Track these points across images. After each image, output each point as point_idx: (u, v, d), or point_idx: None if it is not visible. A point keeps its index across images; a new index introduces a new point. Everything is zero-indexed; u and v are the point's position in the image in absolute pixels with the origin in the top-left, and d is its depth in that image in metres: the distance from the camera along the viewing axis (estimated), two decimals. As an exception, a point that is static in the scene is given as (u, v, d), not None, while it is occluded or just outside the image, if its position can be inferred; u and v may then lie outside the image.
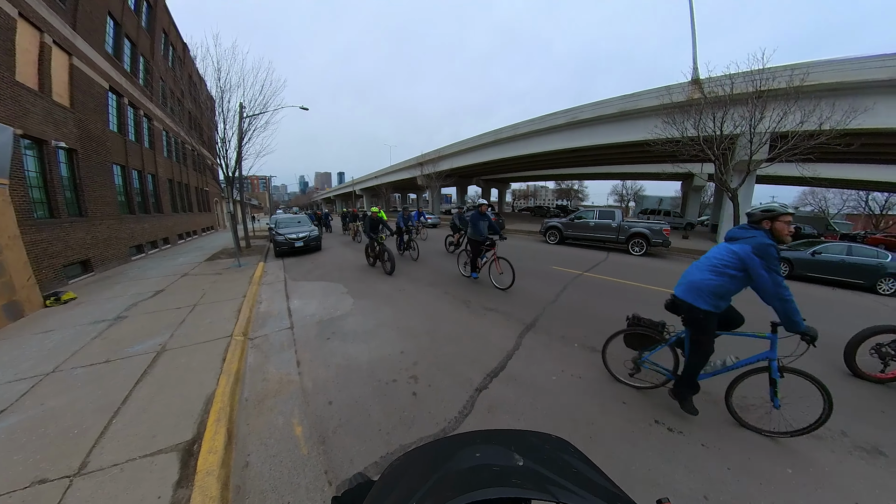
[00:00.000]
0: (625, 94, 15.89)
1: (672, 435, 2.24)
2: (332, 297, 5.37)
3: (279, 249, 9.95)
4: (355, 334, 3.86)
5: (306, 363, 3.19)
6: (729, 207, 12.63)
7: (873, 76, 10.53)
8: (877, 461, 2.10)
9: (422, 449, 0.81)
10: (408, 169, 37.54)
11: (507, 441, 0.78)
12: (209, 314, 4.53)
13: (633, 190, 53.47)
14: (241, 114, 9.99)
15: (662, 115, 12.39)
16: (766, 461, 2.06)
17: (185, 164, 16.33)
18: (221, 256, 9.78)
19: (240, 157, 10.20)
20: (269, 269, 8.06)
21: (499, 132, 23.92)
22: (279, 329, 4.09)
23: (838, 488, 1.88)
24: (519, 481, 0.59)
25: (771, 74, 10.53)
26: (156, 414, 2.37)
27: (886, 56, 10.42)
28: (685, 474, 1.93)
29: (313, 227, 11.34)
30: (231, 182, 10.04)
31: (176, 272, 7.61)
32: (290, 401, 2.59)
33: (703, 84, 12.42)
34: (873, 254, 7.92)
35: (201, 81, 10.23)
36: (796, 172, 14.41)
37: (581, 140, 18.69)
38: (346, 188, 66.57)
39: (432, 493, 0.58)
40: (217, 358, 3.20)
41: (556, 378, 2.92)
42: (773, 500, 1.77)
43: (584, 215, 12.84)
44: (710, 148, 11.21)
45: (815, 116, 9.95)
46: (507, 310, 4.73)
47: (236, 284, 6.23)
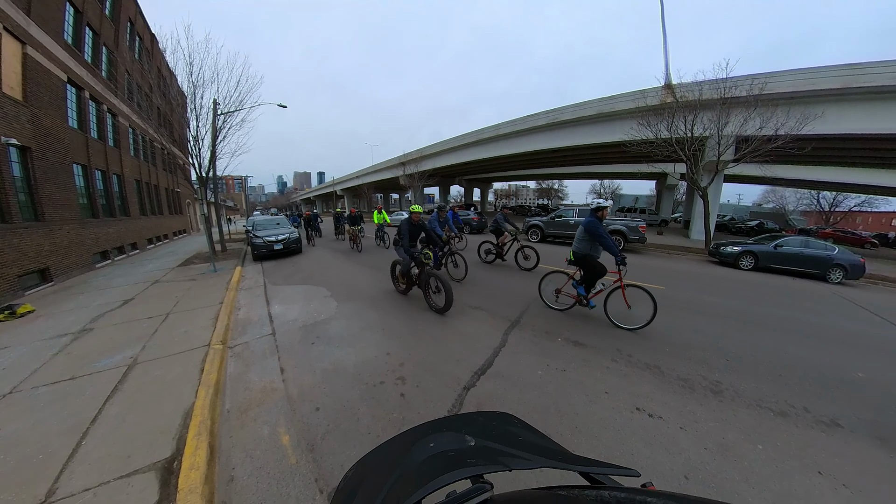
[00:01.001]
0: (602, 97, 16.45)
1: (652, 420, 2.37)
2: (314, 301, 5.26)
3: (257, 253, 9.60)
4: (340, 338, 3.80)
5: (291, 370, 3.11)
6: (700, 205, 13.35)
7: (824, 86, 11.48)
8: (835, 432, 2.33)
9: (376, 452, 0.82)
10: (390, 168, 37.23)
11: (458, 426, 0.83)
12: (184, 323, 4.32)
13: (611, 189, 55.34)
14: (216, 111, 9.56)
15: (638, 117, 12.97)
16: (739, 439, 2.22)
17: (154, 163, 15.45)
18: (195, 261, 9.34)
19: (214, 156, 9.77)
20: (247, 273, 7.77)
21: (481, 132, 24.12)
22: (260, 336, 3.95)
23: (802, 459, 2.07)
24: (474, 460, 0.63)
25: (734, 83, 11.35)
26: (130, 432, 2.23)
27: (835, 67, 11.39)
28: (666, 457, 2.04)
29: (293, 229, 11.03)
30: (204, 183, 9.58)
31: (146, 279, 7.21)
32: (275, 409, 2.51)
33: (674, 89, 13.08)
34: (823, 246, 8.76)
35: (171, 76, 9.64)
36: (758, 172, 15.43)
37: (561, 140, 19.16)
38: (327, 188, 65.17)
39: (392, 495, 0.60)
40: (194, 369, 3.06)
41: (542, 372, 3.01)
42: (747, 475, 1.92)
43: (564, 214, 13.18)
44: (682, 149, 11.86)
45: (772, 122, 10.83)
46: (493, 308, 4.79)
47: (212, 290, 5.98)
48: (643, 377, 2.96)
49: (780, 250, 8.98)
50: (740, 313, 4.94)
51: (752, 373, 3.10)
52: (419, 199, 35.12)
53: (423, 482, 0.57)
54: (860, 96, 11.34)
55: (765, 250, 9.12)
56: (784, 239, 9.29)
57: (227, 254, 10.77)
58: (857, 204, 30.26)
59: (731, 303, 5.51)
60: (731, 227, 26.65)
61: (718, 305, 5.31)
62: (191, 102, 9.01)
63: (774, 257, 9.01)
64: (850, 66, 11.17)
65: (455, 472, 0.58)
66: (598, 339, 3.75)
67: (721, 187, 14.72)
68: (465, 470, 0.59)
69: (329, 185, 62.26)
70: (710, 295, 5.97)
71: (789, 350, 3.68)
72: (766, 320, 4.69)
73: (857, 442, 2.25)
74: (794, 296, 6.40)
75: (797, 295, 6.50)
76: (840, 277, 8.23)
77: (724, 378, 2.98)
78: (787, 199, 37.61)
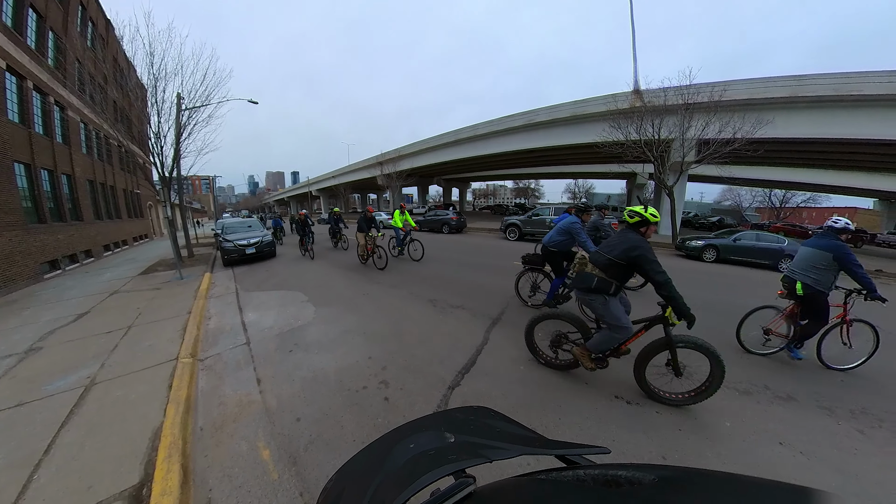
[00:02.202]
0: (576, 100, 17.03)
1: (630, 407, 2.51)
2: (291, 307, 5.08)
3: (228, 258, 9.11)
4: (319, 344, 3.69)
5: (268, 380, 2.99)
6: (666, 202, 14.13)
7: (774, 94, 12.55)
8: (791, 406, 2.59)
9: (355, 459, 0.82)
10: (367, 168, 36.61)
11: (437, 423, 0.84)
12: (148, 336, 4.04)
13: (585, 188, 57.32)
14: (180, 105, 8.94)
15: (609, 120, 13.56)
16: (709, 420, 2.40)
17: (110, 162, 14.30)
18: (159, 268, 8.75)
19: (178, 154, 9.16)
20: (218, 280, 7.39)
21: (459, 132, 24.24)
22: (234, 346, 3.77)
23: (765, 432, 2.28)
24: (455, 456, 0.65)
25: (696, 90, 12.15)
26: (90, 460, 2.05)
27: (783, 78, 12.50)
28: (645, 439, 2.18)
29: (266, 232, 10.60)
30: (168, 183, 8.97)
31: (103, 290, 6.68)
32: (254, 423, 2.40)
33: (643, 94, 13.81)
34: (775, 239, 9.64)
35: (130, 66, 8.84)
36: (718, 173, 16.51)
37: (537, 141, 19.62)
38: (302, 188, 63.06)
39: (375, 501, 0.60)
40: (162, 385, 2.87)
41: (524, 368, 3.09)
42: (718, 450, 2.11)
43: (541, 212, 13.54)
44: (650, 150, 12.55)
45: (730, 126, 11.67)
46: (474, 306, 4.85)
47: (179, 300, 5.63)
48: (621, 367, 3.07)
49: (738, 243, 9.78)
50: (705, 302, 5.27)
51: None
52: (398, 199, 34.80)
53: (407, 484, 0.57)
54: (805, 105, 12.49)
55: (725, 244, 9.91)
56: (741, 233, 10.14)
57: (195, 260, 10.18)
58: (804, 201, 33.55)
59: (697, 293, 5.86)
60: (694, 223, 28.40)
61: (686, 296, 5.61)
62: (152, 96, 8.36)
63: (734, 250, 9.80)
64: (796, 77, 12.30)
65: (437, 471, 0.59)
66: None
67: (685, 186, 15.70)
68: (447, 467, 0.60)
69: (304, 186, 60.21)
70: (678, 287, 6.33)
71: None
72: (728, 308, 5.03)
73: (809, 413, 2.51)
74: (750, 284, 6.93)
75: (753, 283, 7.04)
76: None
77: (694, 364, 3.17)
78: (743, 196, 41.07)
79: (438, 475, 0.58)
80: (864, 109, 11.95)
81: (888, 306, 3.17)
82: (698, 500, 0.44)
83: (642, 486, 0.48)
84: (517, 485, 0.62)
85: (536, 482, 0.61)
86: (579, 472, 0.58)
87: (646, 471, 0.50)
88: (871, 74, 11.38)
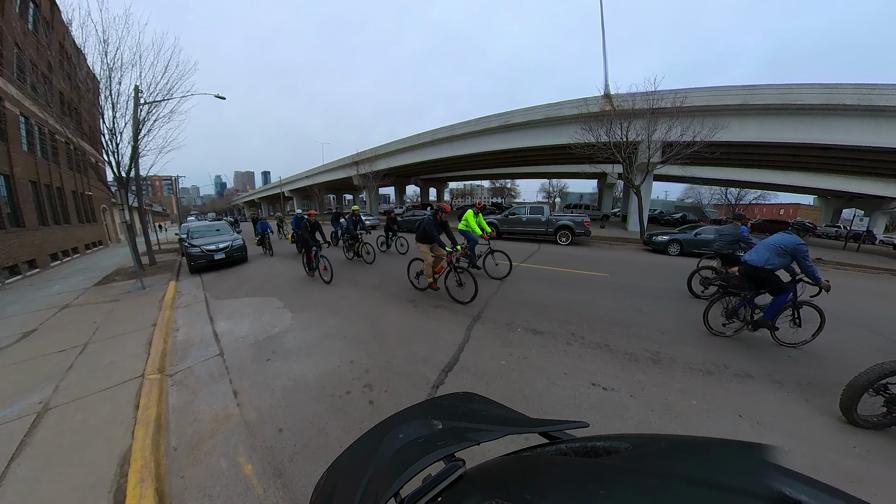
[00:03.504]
0: (550, 103, 17.58)
1: (606, 393, 2.69)
2: (266, 314, 4.89)
3: (195, 264, 8.55)
4: (299, 350, 3.59)
5: (245, 392, 2.87)
6: (635, 201, 14.94)
7: (728, 102, 13.65)
8: (748, 382, 2.88)
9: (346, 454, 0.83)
10: (343, 168, 35.79)
11: (424, 412, 0.87)
12: (108, 353, 3.74)
13: (559, 187, 59.08)
14: (137, 99, 8.28)
15: (581, 122, 14.16)
16: (677, 398, 2.61)
17: (56, 161, 13.02)
18: (117, 278, 8.11)
19: (136, 153, 8.45)
20: (184, 288, 6.96)
21: (436, 132, 24.25)
22: (206, 358, 3.58)
23: (726, 407, 2.53)
24: (443, 442, 0.67)
25: (661, 96, 13.02)
26: (48, 495, 1.87)
27: (736, 87, 13.63)
28: (619, 422, 2.34)
29: (236, 235, 10.09)
30: (125, 184, 8.30)
31: (52, 304, 6.10)
32: (233, 438, 2.30)
33: (612, 98, 14.57)
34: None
35: (79, 54, 8.06)
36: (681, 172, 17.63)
37: (513, 142, 20.03)
38: (273, 189, 60.63)
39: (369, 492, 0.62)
40: (127, 406, 2.67)
41: (506, 362, 3.18)
42: (686, 427, 2.31)
43: (517, 211, 13.83)
44: (619, 152, 13.25)
45: (690, 130, 12.56)
46: (454, 305, 4.90)
47: (142, 311, 5.26)
48: (595, 356, 3.30)
49: (699, 237, 10.58)
50: (671, 292, 5.65)
51: (683, 342, 3.62)
52: (374, 199, 34.30)
53: (399, 472, 0.59)
54: (756, 112, 13.68)
55: (687, 238, 10.69)
56: (701, 228, 10.97)
57: (158, 267, 9.52)
58: (755, 198, 36.71)
59: (663, 284, 6.27)
60: (660, 220, 30.09)
61: (654, 287, 6.04)
62: (105, 88, 7.67)
63: (695, 243, 10.58)
64: (747, 87, 13.46)
65: (427, 457, 0.61)
66: (554, 326, 4.05)
67: (651, 185, 16.65)
68: (437, 452, 0.62)
69: (276, 186, 57.86)
70: (646, 279, 6.74)
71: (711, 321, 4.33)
72: (689, 296, 5.40)
73: (763, 388, 2.80)
74: None
75: None
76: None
77: (662, 349, 3.45)
78: (703, 194, 44.32)
79: (429, 461, 0.60)
80: (805, 117, 13.25)
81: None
82: (665, 459, 0.49)
83: (618, 454, 0.52)
84: (505, 463, 0.65)
85: (523, 459, 0.65)
86: (561, 446, 0.62)
87: (620, 440, 0.55)
88: (809, 86, 12.64)
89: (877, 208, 26.82)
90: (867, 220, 26.69)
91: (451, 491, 0.57)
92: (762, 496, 0.32)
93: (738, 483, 0.36)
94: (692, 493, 0.36)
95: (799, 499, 0.32)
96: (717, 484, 0.37)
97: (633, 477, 0.45)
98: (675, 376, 2.93)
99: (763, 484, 0.34)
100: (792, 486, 0.33)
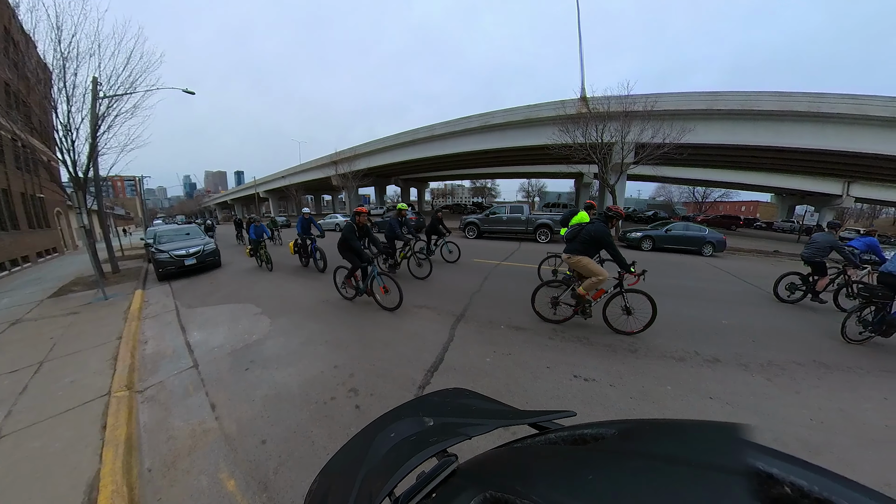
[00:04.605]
0: (529, 104, 18.00)
1: (587, 384, 2.81)
2: (243, 321, 4.70)
3: (163, 271, 8.04)
4: (279, 358, 3.48)
5: (224, 404, 2.74)
6: (609, 199, 15.53)
7: (695, 107, 14.47)
8: (717, 366, 3.12)
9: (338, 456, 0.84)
10: (321, 168, 34.91)
11: (415, 410, 0.88)
12: (68, 371, 3.46)
13: (538, 187, 60.37)
14: (96, 92, 7.66)
15: (559, 124, 14.63)
16: (653, 385, 2.78)
17: (2, 160, 11.95)
18: (76, 288, 7.54)
19: (95, 151, 7.84)
20: (152, 297, 6.56)
21: (416, 132, 24.15)
22: (178, 371, 3.39)
23: (698, 390, 2.73)
24: (436, 438, 0.68)
25: (633, 100, 13.64)
26: None
27: (702, 93, 14.50)
28: (602, 411, 2.46)
29: (208, 239, 9.63)
30: (82, 185, 7.70)
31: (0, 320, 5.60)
32: (213, 453, 2.20)
33: (588, 101, 15.13)
34: (699, 229, 11.24)
35: (28, 42, 7.37)
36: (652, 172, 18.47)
37: (493, 143, 20.28)
38: (247, 190, 58.20)
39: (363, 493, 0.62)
40: (93, 427, 2.49)
41: (490, 359, 3.25)
42: (662, 411, 2.48)
43: (497, 211, 14.05)
44: (595, 152, 13.82)
45: (661, 132, 13.26)
46: (437, 304, 4.92)
47: (105, 323, 4.92)
48: (576, 349, 3.44)
49: (669, 233, 11.21)
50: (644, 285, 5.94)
51: (657, 332, 3.81)
52: (354, 200, 33.70)
53: (392, 471, 0.59)
54: (720, 116, 14.59)
55: (659, 234, 11.30)
56: (672, 224, 11.64)
57: (122, 275, 8.92)
58: (720, 196, 39.14)
59: None
60: (634, 217, 31.53)
61: None
62: (59, 80, 7.07)
63: (666, 239, 11.22)
64: (712, 93, 14.35)
65: (420, 454, 0.61)
66: (535, 322, 4.16)
67: (625, 184, 17.35)
68: (430, 449, 0.63)
69: (250, 186, 55.46)
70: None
71: (681, 310, 4.69)
72: (663, 289, 5.70)
73: (731, 370, 3.05)
74: (681, 268, 7.99)
75: (683, 267, 8.13)
76: (711, 251, 10.70)
77: (637, 339, 3.64)
78: (673, 193, 46.79)
79: (422, 458, 0.61)
80: (763, 122, 14.29)
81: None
82: (648, 442, 0.51)
83: (605, 440, 0.55)
84: (497, 455, 0.67)
85: (514, 450, 0.67)
86: (550, 435, 0.64)
87: (607, 427, 0.57)
88: (767, 94, 13.67)
89: (825, 205, 29.36)
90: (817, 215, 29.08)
91: (444, 486, 0.58)
92: (739, 471, 0.34)
93: (716, 460, 0.38)
94: (674, 472, 0.39)
95: (771, 472, 0.34)
96: (697, 462, 0.39)
97: (619, 460, 0.48)
98: (650, 365, 3.12)
99: (739, 460, 0.36)
100: (765, 460, 0.36)
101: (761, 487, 0.34)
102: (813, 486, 0.33)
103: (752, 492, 0.32)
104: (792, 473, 0.34)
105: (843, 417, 2.43)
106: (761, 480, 0.34)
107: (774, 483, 0.34)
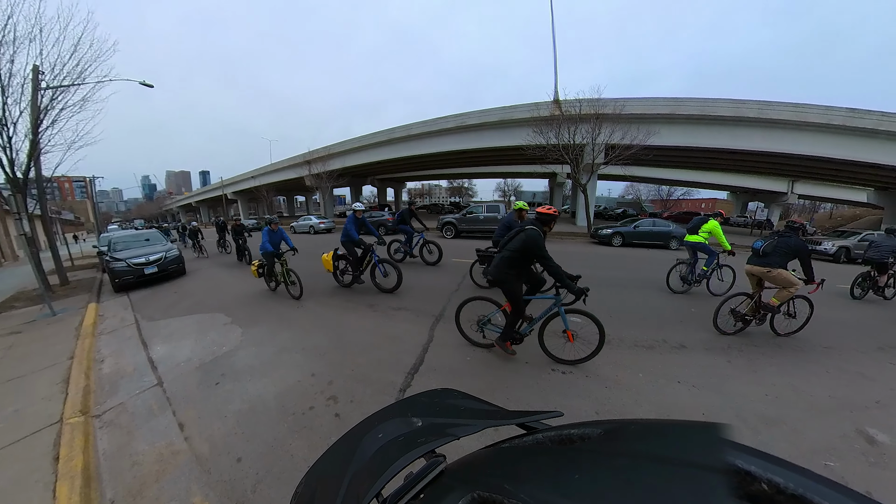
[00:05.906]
0: (504, 106, 18.32)
1: (564, 376, 2.93)
2: (211, 332, 4.44)
3: (120, 281, 7.39)
4: (252, 369, 3.33)
5: (192, 423, 2.59)
6: (582, 198, 16.22)
7: (659, 111, 15.49)
8: (683, 352, 3.38)
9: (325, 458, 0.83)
10: (293, 167, 33.73)
11: (403, 411, 0.89)
12: (11, 399, 3.12)
13: (514, 187, 61.51)
14: (37, 82, 6.93)
15: (533, 125, 15.12)
16: (626, 374, 2.95)
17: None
18: (17, 304, 6.82)
19: (36, 148, 7.08)
20: (108, 310, 6.05)
21: (392, 132, 23.90)
22: (141, 390, 3.15)
23: (667, 375, 2.92)
24: (424, 438, 0.69)
25: (603, 104, 14.36)
26: None
27: (665, 98, 15.54)
28: (579, 401, 2.58)
29: (170, 245, 9.03)
30: (22, 187, 6.95)
31: (-77, 338, 4.97)
32: (183, 477, 2.07)
33: (561, 104, 15.72)
34: (665, 225, 11.98)
35: None
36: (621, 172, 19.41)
37: (469, 143, 20.47)
38: (213, 191, 54.96)
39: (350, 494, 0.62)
40: (44, 459, 2.26)
41: (470, 358, 3.30)
42: (636, 398, 2.63)
43: (474, 210, 14.23)
44: (567, 153, 14.38)
45: (629, 135, 13.99)
46: (415, 306, 4.91)
47: (54, 342, 4.49)
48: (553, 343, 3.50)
49: (638, 230, 11.85)
50: (616, 279, 6.26)
51: (628, 323, 4.05)
52: (329, 200, 32.83)
53: (379, 472, 0.59)
54: (681, 121, 15.64)
55: (628, 231, 11.91)
56: (640, 221, 12.32)
57: (72, 288, 8.17)
58: (682, 194, 41.90)
59: (609, 273, 6.94)
60: (605, 215, 33.00)
61: (601, 276, 6.67)
62: None
63: (635, 235, 11.84)
64: (675, 99, 15.43)
65: (408, 455, 0.62)
66: None
67: (596, 184, 18.19)
68: (418, 450, 0.63)
69: (217, 187, 52.29)
70: (594, 269, 7.43)
71: (650, 302, 5.00)
72: (632, 283, 6.03)
73: (696, 355, 3.29)
74: (649, 262, 8.46)
75: (651, 261, 8.60)
76: (676, 245, 11.41)
77: (610, 331, 3.72)
78: (641, 191, 49.35)
79: (410, 459, 0.61)
80: (719, 126, 15.50)
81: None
82: (633, 441, 0.54)
83: (591, 440, 0.57)
84: (484, 455, 0.68)
85: (501, 450, 0.68)
86: (538, 436, 0.65)
87: (593, 427, 0.59)
88: (723, 101, 14.89)
89: (773, 201, 32.51)
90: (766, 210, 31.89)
91: (433, 487, 0.58)
92: (718, 469, 0.37)
93: (697, 458, 0.40)
94: (657, 470, 0.41)
95: (749, 469, 0.37)
96: (680, 460, 0.41)
97: (605, 459, 0.50)
98: (623, 354, 3.32)
99: (719, 458, 0.39)
100: (744, 458, 0.39)
101: (740, 484, 0.37)
102: (788, 483, 0.36)
103: (731, 488, 0.34)
104: (769, 471, 0.37)
105: (793, 392, 2.74)
106: (740, 477, 0.37)
107: (752, 480, 0.37)
